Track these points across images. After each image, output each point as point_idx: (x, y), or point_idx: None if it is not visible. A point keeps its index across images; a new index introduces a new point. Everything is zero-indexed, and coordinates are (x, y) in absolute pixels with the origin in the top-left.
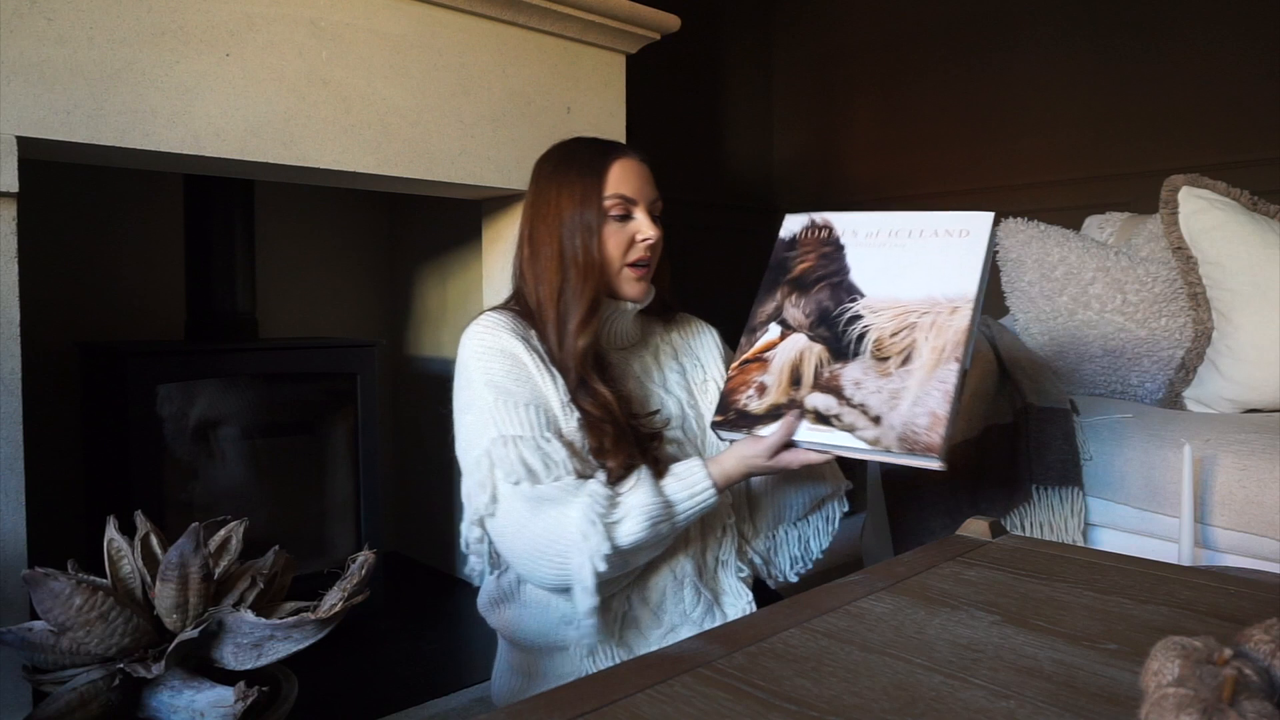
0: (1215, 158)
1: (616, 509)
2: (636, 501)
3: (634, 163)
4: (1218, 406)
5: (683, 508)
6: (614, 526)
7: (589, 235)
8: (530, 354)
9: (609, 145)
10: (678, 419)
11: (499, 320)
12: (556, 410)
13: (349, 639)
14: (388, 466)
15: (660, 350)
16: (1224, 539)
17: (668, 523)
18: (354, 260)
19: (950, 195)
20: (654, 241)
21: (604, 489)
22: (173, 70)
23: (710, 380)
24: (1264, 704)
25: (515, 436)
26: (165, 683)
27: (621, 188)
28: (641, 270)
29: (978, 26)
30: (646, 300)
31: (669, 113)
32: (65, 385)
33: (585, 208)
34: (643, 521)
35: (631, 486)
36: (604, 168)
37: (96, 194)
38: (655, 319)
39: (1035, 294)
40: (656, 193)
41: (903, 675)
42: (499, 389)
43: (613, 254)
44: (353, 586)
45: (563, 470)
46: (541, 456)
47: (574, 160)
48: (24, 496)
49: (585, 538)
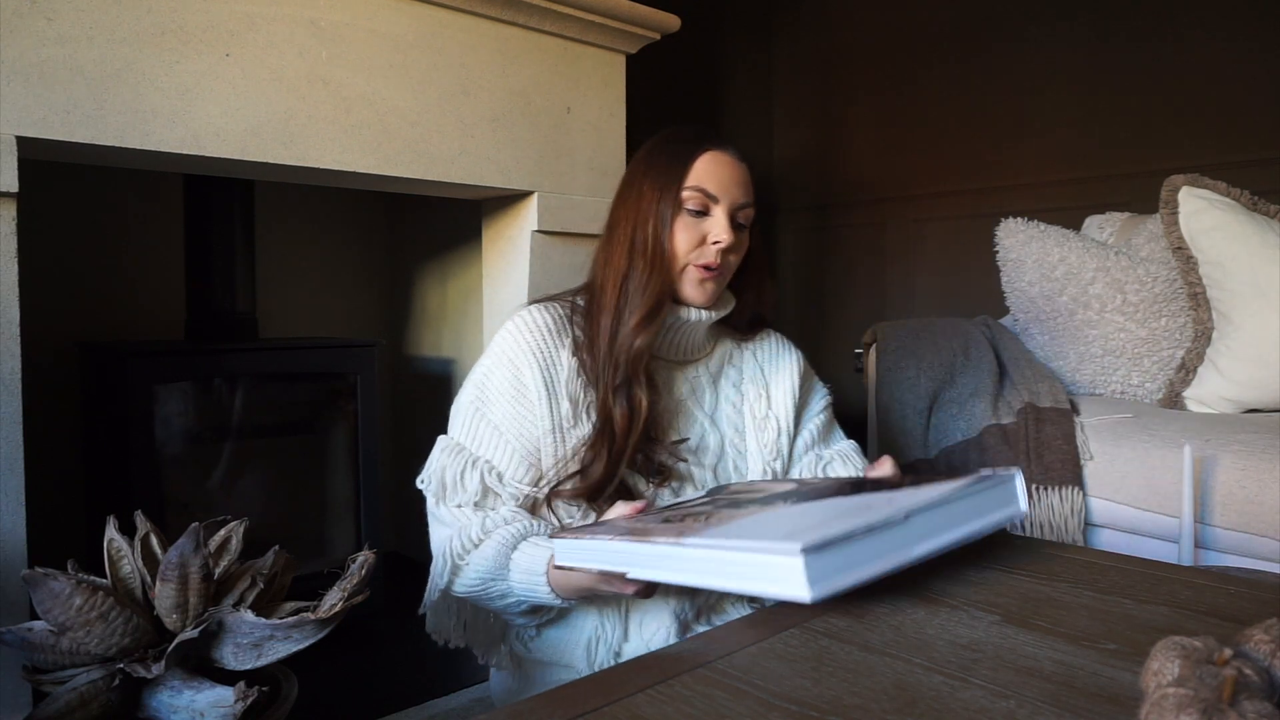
0: (1215, 158)
1: (469, 554)
2: (480, 554)
3: (727, 158)
4: (1218, 406)
5: (516, 580)
6: (460, 570)
7: (660, 225)
8: (542, 373)
9: (707, 135)
10: (714, 456)
11: (534, 325)
12: (538, 435)
13: (349, 639)
14: (388, 466)
15: (724, 371)
16: (1224, 539)
17: (501, 584)
18: (354, 260)
19: (950, 195)
20: (726, 245)
21: (476, 533)
22: (173, 70)
23: (773, 417)
24: (1264, 704)
25: (457, 445)
26: (165, 683)
27: (704, 181)
28: (710, 274)
29: (978, 27)
30: (720, 311)
31: (669, 113)
32: (65, 385)
33: (664, 196)
34: (475, 579)
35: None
36: (691, 157)
37: (96, 194)
38: (733, 334)
39: (1035, 294)
40: (748, 197)
41: (903, 675)
42: (481, 396)
43: (681, 249)
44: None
45: (466, 499)
46: (455, 478)
47: (667, 146)
48: (24, 496)
49: (436, 562)
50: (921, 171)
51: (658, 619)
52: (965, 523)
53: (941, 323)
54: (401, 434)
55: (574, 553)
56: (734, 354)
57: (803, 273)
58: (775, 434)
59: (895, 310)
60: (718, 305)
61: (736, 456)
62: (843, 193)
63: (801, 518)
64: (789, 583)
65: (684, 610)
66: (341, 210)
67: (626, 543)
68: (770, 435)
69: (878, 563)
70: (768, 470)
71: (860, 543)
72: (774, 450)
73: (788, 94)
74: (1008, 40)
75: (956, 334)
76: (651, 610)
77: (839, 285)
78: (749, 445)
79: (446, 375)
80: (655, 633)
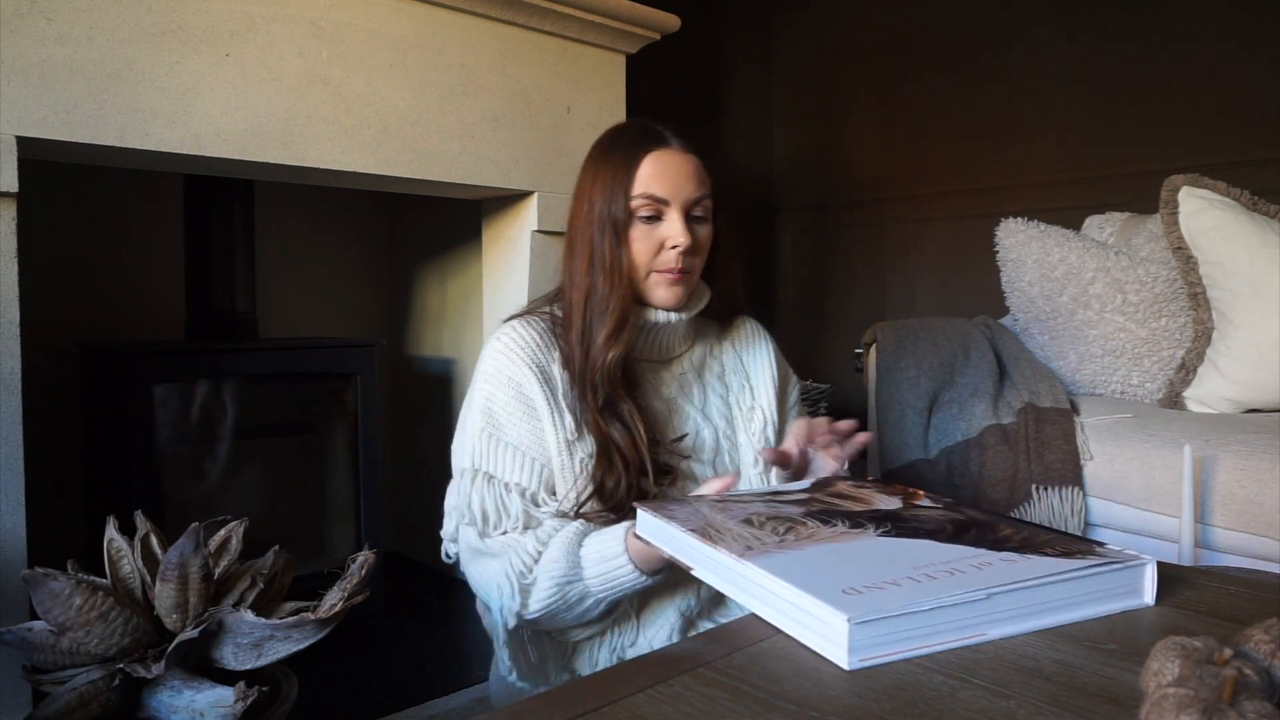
0: (1215, 158)
1: (533, 570)
2: (547, 562)
3: (673, 156)
4: (1218, 406)
5: (592, 573)
6: (529, 589)
7: (615, 239)
8: (542, 387)
9: (649, 135)
10: (710, 450)
11: (523, 339)
12: (551, 451)
13: (349, 639)
14: (388, 466)
15: (707, 365)
16: (1224, 539)
17: (578, 585)
18: (354, 260)
19: (950, 195)
20: (684, 248)
21: (533, 546)
22: (173, 70)
23: (758, 407)
24: (1264, 704)
25: (485, 474)
26: (165, 683)
27: (651, 187)
28: (674, 275)
29: (978, 26)
30: (696, 307)
31: (669, 113)
32: (65, 385)
33: (613, 204)
34: (550, 588)
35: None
36: (635, 163)
37: (96, 194)
38: (712, 325)
39: (1035, 294)
40: (700, 189)
41: (903, 675)
42: (490, 420)
43: (641, 259)
44: (353, 586)
45: (511, 524)
46: (496, 505)
47: (614, 148)
48: (24, 496)
49: (500, 591)
50: (921, 171)
51: (662, 616)
52: (1064, 609)
53: (941, 323)
54: (401, 434)
55: (652, 529)
56: (714, 347)
57: (803, 273)
58: (762, 424)
59: (895, 310)
60: (692, 302)
61: (730, 449)
62: (843, 193)
63: (874, 566)
64: (831, 644)
65: (689, 607)
66: (341, 210)
67: (695, 539)
68: (757, 426)
69: (939, 639)
70: (758, 460)
71: (923, 615)
72: (762, 440)
73: (788, 94)
74: (1008, 40)
75: (956, 334)
76: (657, 609)
77: (839, 285)
78: (739, 437)
79: (446, 375)
80: (659, 631)
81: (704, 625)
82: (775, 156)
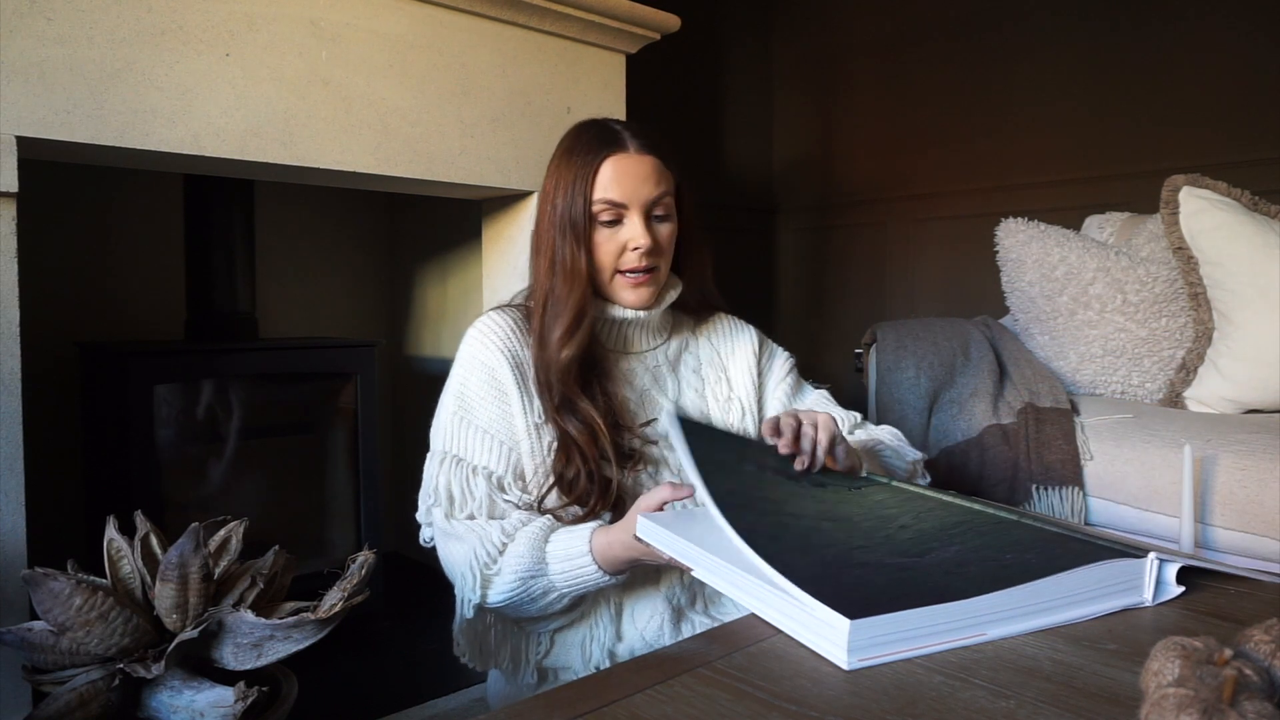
0: (1215, 158)
1: (497, 561)
2: (512, 555)
3: (630, 159)
4: (1218, 406)
5: (557, 569)
6: (490, 580)
7: (576, 241)
8: (513, 371)
9: (607, 138)
10: None
11: (497, 326)
12: (520, 434)
13: (349, 639)
14: (388, 467)
15: (682, 358)
16: (1224, 539)
17: (542, 580)
18: (354, 260)
19: (950, 195)
20: (646, 249)
21: (499, 538)
22: (173, 70)
23: (736, 399)
24: (1264, 704)
25: (454, 457)
26: (165, 683)
27: (610, 192)
28: (639, 278)
29: (978, 26)
30: (664, 303)
31: (669, 113)
32: (65, 385)
33: (573, 209)
34: (513, 580)
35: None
36: (594, 169)
37: (96, 194)
38: (687, 317)
39: (1035, 294)
40: (660, 187)
41: (903, 675)
42: (463, 404)
43: (604, 262)
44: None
45: (476, 507)
46: (462, 487)
47: (574, 151)
48: (24, 496)
49: (463, 579)
50: (921, 171)
51: (650, 606)
52: (1064, 608)
53: (941, 323)
54: (401, 434)
55: (652, 531)
56: (690, 341)
57: (803, 273)
58: (740, 415)
59: (895, 310)
60: (662, 298)
61: None
62: (843, 193)
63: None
64: (831, 643)
65: (675, 595)
66: (341, 210)
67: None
68: (735, 416)
69: (939, 639)
70: None
71: (923, 614)
72: (740, 431)
73: (788, 94)
74: (1008, 40)
75: (956, 334)
76: (643, 598)
77: (839, 285)
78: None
79: (446, 375)
80: (649, 621)
81: (694, 616)
82: (775, 156)
